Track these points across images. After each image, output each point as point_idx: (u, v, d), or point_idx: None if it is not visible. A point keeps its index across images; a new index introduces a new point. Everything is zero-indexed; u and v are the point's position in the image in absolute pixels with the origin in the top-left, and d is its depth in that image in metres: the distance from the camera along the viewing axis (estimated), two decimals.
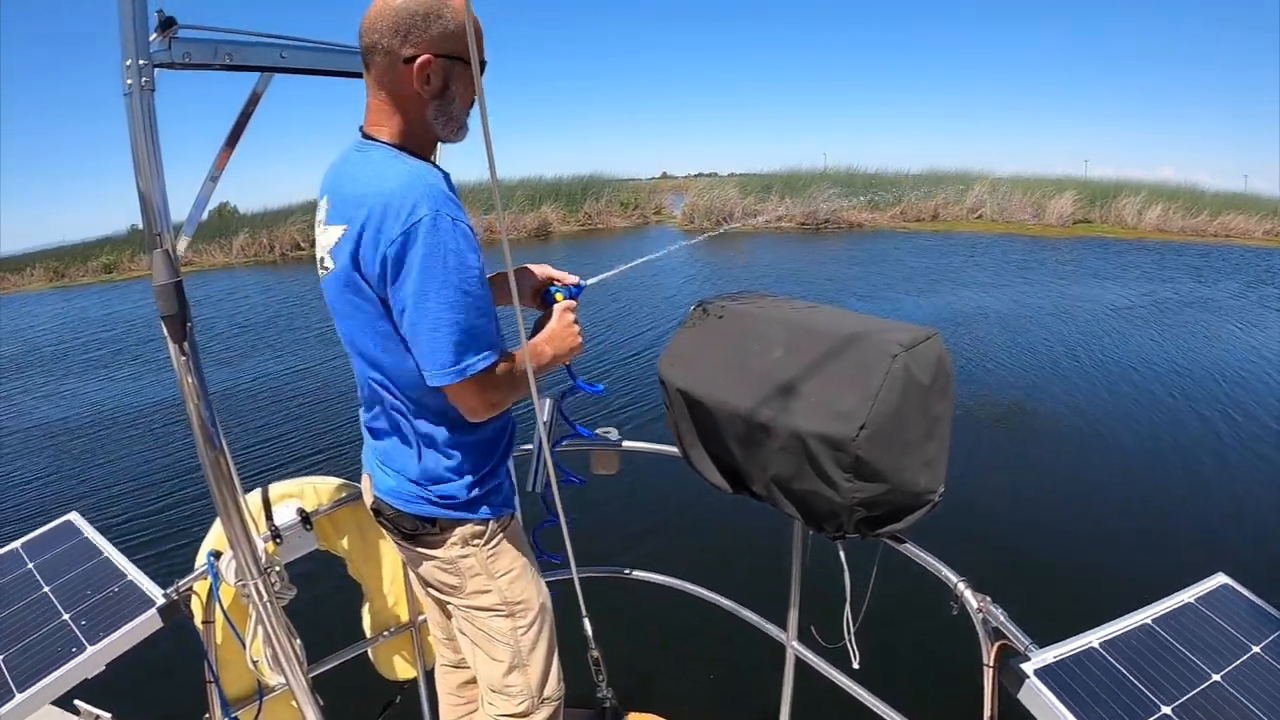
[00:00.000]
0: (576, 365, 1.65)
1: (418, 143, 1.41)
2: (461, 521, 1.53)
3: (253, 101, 1.52)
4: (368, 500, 1.64)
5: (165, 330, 1.29)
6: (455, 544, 1.54)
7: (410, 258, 1.27)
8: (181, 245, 1.40)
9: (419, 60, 1.32)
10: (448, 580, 1.59)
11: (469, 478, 1.50)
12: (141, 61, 1.23)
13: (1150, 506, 5.16)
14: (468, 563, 1.56)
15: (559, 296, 1.62)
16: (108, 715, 2.52)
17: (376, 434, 1.57)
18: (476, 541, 1.55)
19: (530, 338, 1.54)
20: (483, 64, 1.36)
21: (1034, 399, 7.28)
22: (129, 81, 1.23)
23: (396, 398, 1.46)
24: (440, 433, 1.47)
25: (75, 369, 11.59)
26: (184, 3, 1.32)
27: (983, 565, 3.93)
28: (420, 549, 1.58)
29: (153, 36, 1.27)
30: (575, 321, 1.59)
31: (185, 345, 1.30)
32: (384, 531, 1.65)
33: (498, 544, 1.57)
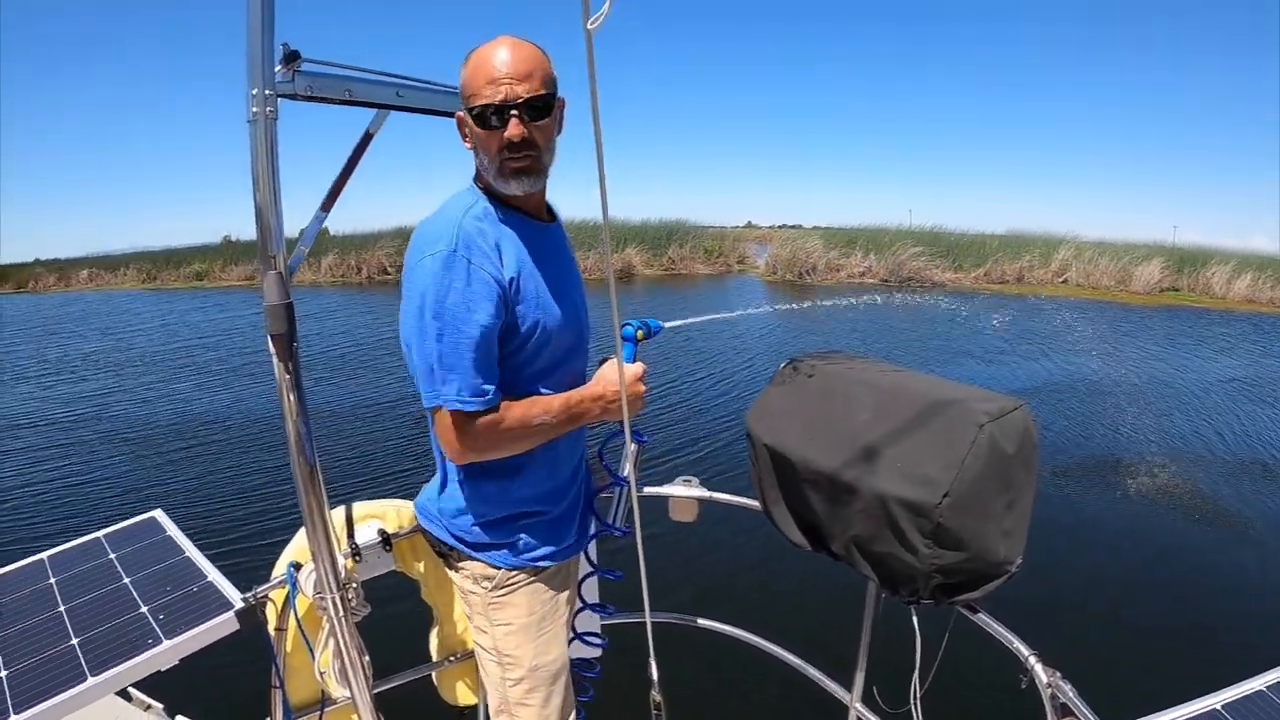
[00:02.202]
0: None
1: (489, 188, 1.48)
2: (472, 558, 1.57)
3: (367, 137, 1.59)
4: None
5: (272, 347, 1.34)
6: (468, 577, 1.60)
7: (411, 288, 1.37)
8: (302, 254, 1.47)
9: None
10: (465, 605, 1.66)
11: (481, 521, 1.55)
12: (267, 91, 1.28)
13: (1230, 589, 4.97)
14: (474, 599, 1.61)
15: (640, 334, 1.64)
16: (159, 705, 2.57)
17: None
18: (485, 583, 1.58)
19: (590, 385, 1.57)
20: (478, 109, 1.40)
21: (1121, 472, 7.08)
22: (254, 110, 1.27)
23: (430, 428, 1.53)
24: (449, 468, 1.55)
25: (177, 372, 12.17)
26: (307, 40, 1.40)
27: (1056, 638, 3.83)
28: (447, 568, 1.66)
29: (278, 68, 1.32)
30: (642, 394, 1.61)
31: (290, 364, 1.35)
32: None
33: (506, 594, 1.59)
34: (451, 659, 2.14)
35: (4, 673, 1.56)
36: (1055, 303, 20.26)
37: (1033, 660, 1.46)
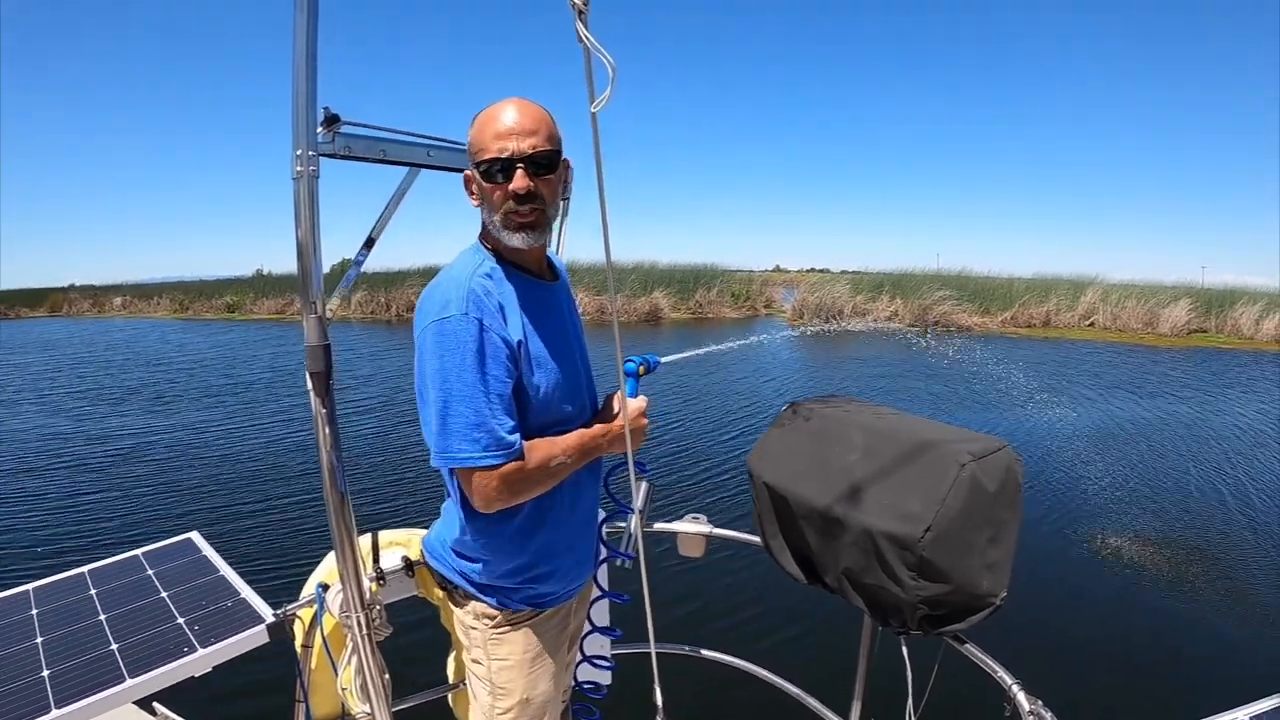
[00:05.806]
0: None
1: (495, 244, 1.54)
2: (476, 598, 1.63)
3: (400, 193, 1.71)
4: None
5: (310, 384, 1.46)
6: (469, 613, 1.66)
7: (425, 350, 1.43)
8: (333, 303, 1.57)
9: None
10: (464, 636, 1.71)
11: (485, 565, 1.59)
12: (310, 152, 1.38)
13: (1208, 623, 5.06)
14: (474, 634, 1.67)
15: (642, 369, 1.73)
16: None
17: None
18: (486, 620, 1.64)
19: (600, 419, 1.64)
20: (485, 164, 1.43)
21: (1113, 511, 7.15)
22: (297, 169, 1.38)
23: (441, 472, 1.59)
24: (461, 516, 1.58)
25: (214, 405, 12.46)
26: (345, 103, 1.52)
27: (1039, 668, 3.91)
28: (450, 603, 1.72)
29: (319, 130, 1.44)
30: (644, 427, 1.66)
31: (326, 399, 1.47)
32: None
33: (505, 633, 1.64)
34: (466, 682, 2.22)
35: (46, 672, 1.65)
36: (1081, 346, 20.18)
37: (1015, 689, 1.54)
